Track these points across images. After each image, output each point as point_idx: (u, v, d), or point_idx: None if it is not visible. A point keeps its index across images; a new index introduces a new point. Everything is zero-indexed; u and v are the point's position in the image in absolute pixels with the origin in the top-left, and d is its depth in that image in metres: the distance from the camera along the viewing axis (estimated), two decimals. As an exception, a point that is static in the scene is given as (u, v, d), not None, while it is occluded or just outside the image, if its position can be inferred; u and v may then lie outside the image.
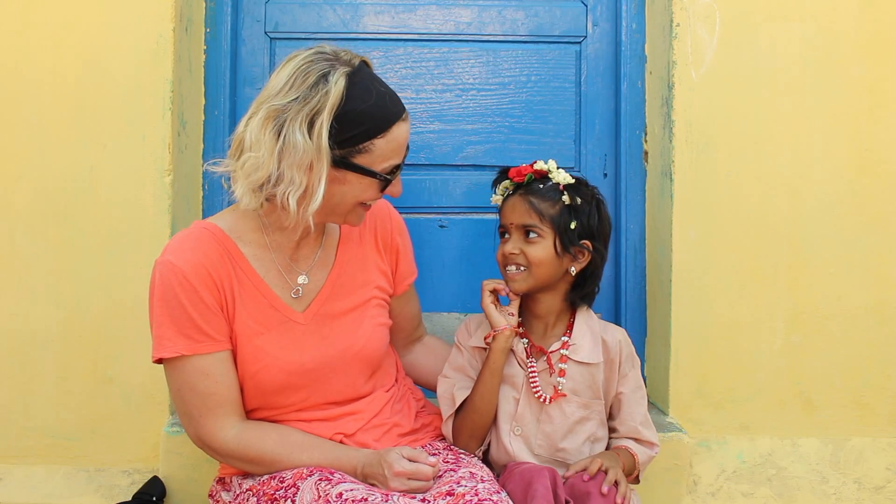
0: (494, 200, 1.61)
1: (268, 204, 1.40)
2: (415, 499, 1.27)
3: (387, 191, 1.43)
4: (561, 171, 1.54)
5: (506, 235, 1.55)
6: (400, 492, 1.29)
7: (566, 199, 1.51)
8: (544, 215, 1.50)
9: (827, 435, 1.94)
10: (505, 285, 1.54)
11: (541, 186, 1.53)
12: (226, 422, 1.39)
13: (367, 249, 1.57)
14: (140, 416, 1.84)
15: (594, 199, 1.55)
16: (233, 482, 1.48)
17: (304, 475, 1.34)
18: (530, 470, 1.39)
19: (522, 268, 1.51)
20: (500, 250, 1.55)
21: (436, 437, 1.60)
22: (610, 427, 1.60)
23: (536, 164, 1.56)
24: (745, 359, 1.92)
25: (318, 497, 1.28)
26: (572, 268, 1.53)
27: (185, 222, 1.82)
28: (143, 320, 1.44)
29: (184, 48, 1.92)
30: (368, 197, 1.41)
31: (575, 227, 1.50)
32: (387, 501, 1.25)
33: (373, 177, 1.37)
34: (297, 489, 1.32)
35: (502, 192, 1.59)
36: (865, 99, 1.92)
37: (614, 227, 1.87)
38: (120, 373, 1.84)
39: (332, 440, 1.44)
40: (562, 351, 1.54)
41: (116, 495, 1.80)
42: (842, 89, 1.92)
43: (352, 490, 1.28)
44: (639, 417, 1.56)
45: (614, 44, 2.11)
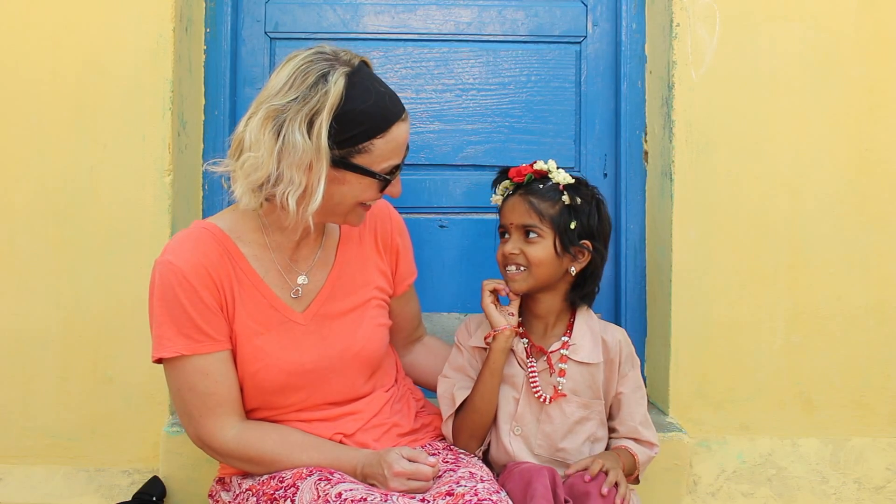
0: (494, 200, 1.61)
1: (267, 204, 1.40)
2: (414, 499, 1.27)
3: (386, 191, 1.43)
4: (561, 171, 1.54)
5: (506, 235, 1.55)
6: (399, 492, 1.29)
7: (566, 199, 1.51)
8: (544, 215, 1.50)
9: (827, 435, 1.94)
10: (505, 285, 1.54)
11: (541, 186, 1.53)
12: (226, 422, 1.40)
13: (366, 250, 1.57)
14: (140, 416, 1.84)
15: (594, 199, 1.55)
16: (232, 482, 1.48)
17: (303, 475, 1.34)
18: (530, 469, 1.39)
19: (522, 268, 1.51)
20: (499, 250, 1.55)
21: (435, 437, 1.60)
22: (610, 427, 1.60)
23: (536, 164, 1.56)
24: (745, 359, 1.92)
25: (318, 497, 1.28)
26: (572, 268, 1.53)
27: (185, 222, 1.82)
28: (143, 320, 1.44)
29: (184, 48, 1.92)
30: (368, 197, 1.41)
31: (575, 227, 1.50)
32: (386, 501, 1.25)
33: (372, 177, 1.37)
34: (297, 489, 1.32)
35: (502, 192, 1.59)
36: (865, 99, 1.92)
37: (614, 227, 1.87)
38: (120, 373, 1.84)
39: (331, 440, 1.44)
40: (562, 351, 1.53)
41: (116, 495, 1.80)
42: (842, 89, 1.92)
43: (351, 490, 1.28)
44: (638, 417, 1.56)
45: (614, 44, 2.11)
